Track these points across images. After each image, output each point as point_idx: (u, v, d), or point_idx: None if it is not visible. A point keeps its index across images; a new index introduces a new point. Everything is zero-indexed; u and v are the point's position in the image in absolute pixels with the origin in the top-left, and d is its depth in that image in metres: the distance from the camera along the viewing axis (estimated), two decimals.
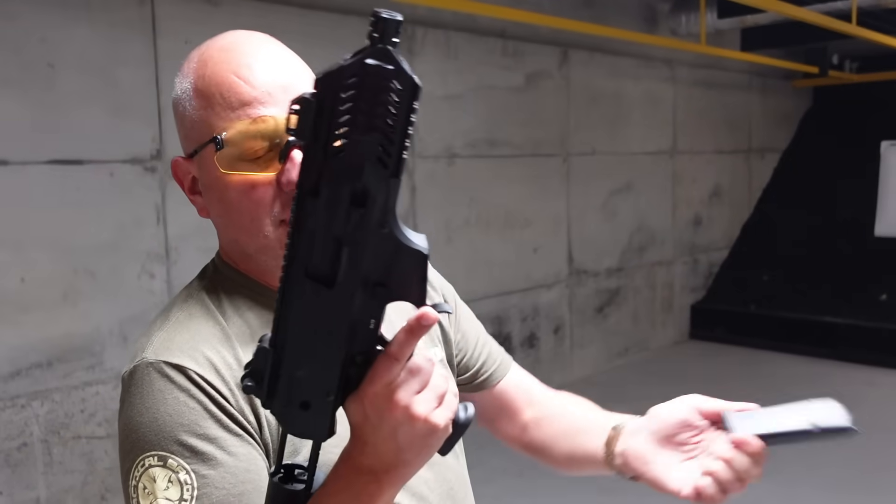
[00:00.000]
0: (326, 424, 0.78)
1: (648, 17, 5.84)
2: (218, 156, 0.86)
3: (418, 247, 0.73)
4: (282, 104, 0.87)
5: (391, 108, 0.68)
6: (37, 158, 3.01)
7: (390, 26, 0.69)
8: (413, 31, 4.39)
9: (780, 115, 7.68)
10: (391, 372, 0.75)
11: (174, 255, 3.39)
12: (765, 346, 6.28)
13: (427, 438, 0.77)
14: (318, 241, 0.71)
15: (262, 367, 0.75)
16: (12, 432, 2.97)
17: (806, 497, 3.69)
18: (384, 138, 0.68)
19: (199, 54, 0.91)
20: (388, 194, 0.70)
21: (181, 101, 0.91)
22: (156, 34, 3.30)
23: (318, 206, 0.69)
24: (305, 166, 0.69)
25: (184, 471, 0.80)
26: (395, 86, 0.69)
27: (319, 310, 0.73)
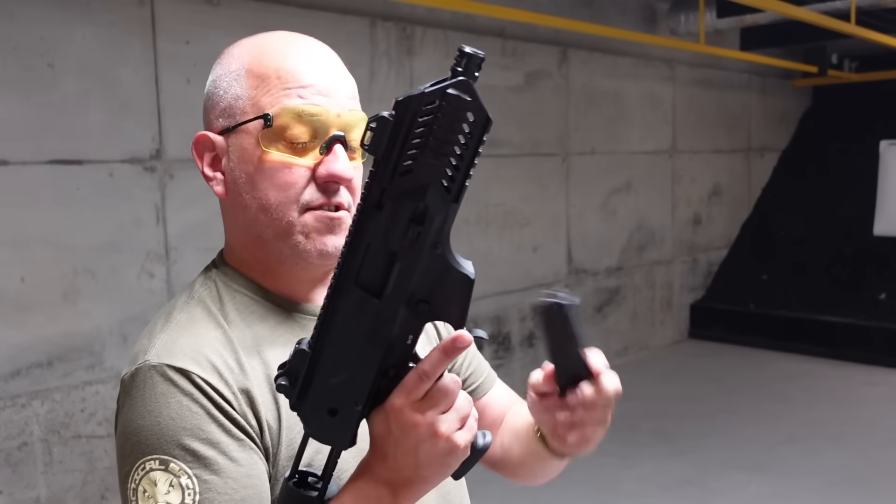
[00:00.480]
0: (350, 433, 0.80)
1: (648, 16, 5.84)
2: (263, 132, 0.87)
3: (466, 271, 0.76)
4: (335, 98, 0.89)
5: (462, 138, 0.71)
6: (37, 158, 3.01)
7: (473, 61, 0.72)
8: (412, 30, 4.39)
9: (780, 115, 7.68)
10: (420, 388, 0.77)
11: (174, 255, 3.40)
12: (764, 346, 6.29)
13: (446, 457, 0.79)
14: (374, 252, 0.74)
15: (298, 369, 0.78)
16: (12, 431, 2.97)
17: (805, 497, 3.70)
18: (451, 164, 0.72)
19: (250, 44, 0.93)
20: (446, 217, 0.73)
21: (223, 80, 0.92)
22: (155, 34, 3.30)
23: (379, 218, 0.73)
24: (373, 180, 0.72)
25: (186, 475, 0.80)
26: (469, 117, 0.71)
27: (364, 319, 0.76)
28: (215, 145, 0.92)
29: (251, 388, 0.86)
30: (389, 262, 0.74)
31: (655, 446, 4.34)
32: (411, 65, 4.39)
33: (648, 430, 4.54)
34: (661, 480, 3.91)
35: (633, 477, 3.94)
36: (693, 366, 6.01)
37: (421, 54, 4.44)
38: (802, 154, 7.61)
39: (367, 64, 4.15)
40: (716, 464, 4.07)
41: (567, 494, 3.61)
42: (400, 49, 4.33)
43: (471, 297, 0.77)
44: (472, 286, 0.76)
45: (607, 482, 3.84)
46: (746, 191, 7.39)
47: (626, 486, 3.86)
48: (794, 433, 4.47)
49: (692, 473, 3.97)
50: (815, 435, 4.44)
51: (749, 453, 4.19)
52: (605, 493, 3.76)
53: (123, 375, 0.86)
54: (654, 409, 4.87)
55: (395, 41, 4.30)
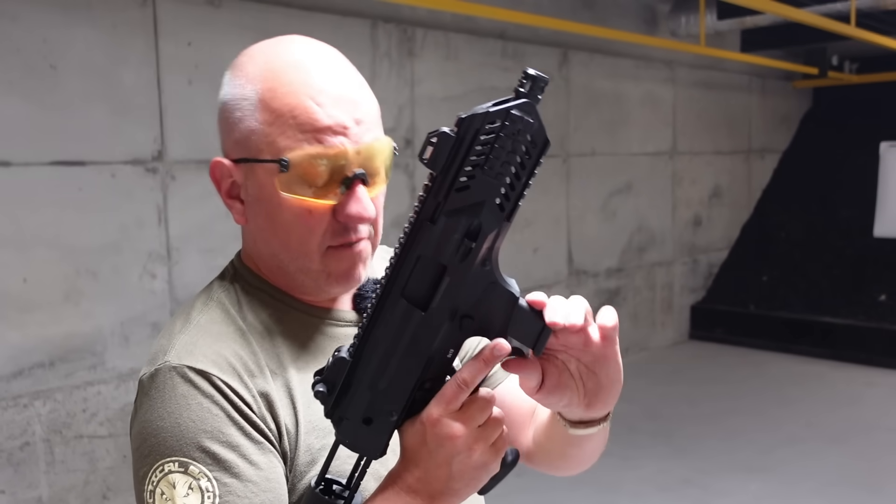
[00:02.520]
0: (382, 443, 0.80)
1: (648, 18, 5.85)
2: (280, 177, 0.84)
3: (511, 289, 0.77)
4: (353, 135, 0.85)
5: (520, 158, 0.72)
6: (39, 159, 3.02)
7: (538, 84, 0.73)
8: (413, 32, 4.40)
9: (780, 116, 7.69)
10: (458, 398, 0.77)
11: (175, 256, 3.40)
12: (764, 347, 6.29)
13: (479, 471, 0.79)
14: (423, 265, 0.75)
15: (337, 376, 0.78)
16: (14, 432, 2.98)
17: (805, 498, 3.70)
18: (507, 184, 0.73)
19: (265, 62, 0.88)
20: (497, 235, 0.75)
21: (236, 106, 0.88)
22: (157, 35, 3.31)
23: (433, 232, 0.74)
24: (428, 194, 0.74)
25: (205, 478, 0.79)
26: (529, 139, 0.72)
27: (407, 330, 0.76)
28: (232, 173, 0.90)
29: (270, 391, 0.86)
30: (438, 275, 0.75)
31: (656, 447, 4.34)
32: (412, 66, 4.40)
33: (649, 431, 4.55)
34: (662, 481, 3.91)
35: (634, 477, 3.95)
36: (693, 367, 6.01)
37: (422, 56, 4.45)
38: (803, 156, 7.62)
39: (368, 65, 4.16)
40: (716, 465, 4.08)
41: (568, 495, 3.62)
42: (401, 51, 4.33)
43: (512, 314, 0.77)
44: (516, 304, 0.77)
45: (608, 483, 3.84)
46: (747, 192, 7.39)
47: (627, 486, 3.86)
48: (795, 434, 4.47)
49: (692, 474, 3.98)
50: (815, 436, 4.45)
51: (749, 454, 4.20)
52: (605, 494, 3.77)
53: (142, 376, 0.86)
54: (655, 410, 4.88)
55: (396, 43, 4.31)
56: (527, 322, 0.78)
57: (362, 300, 0.96)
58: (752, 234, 7.28)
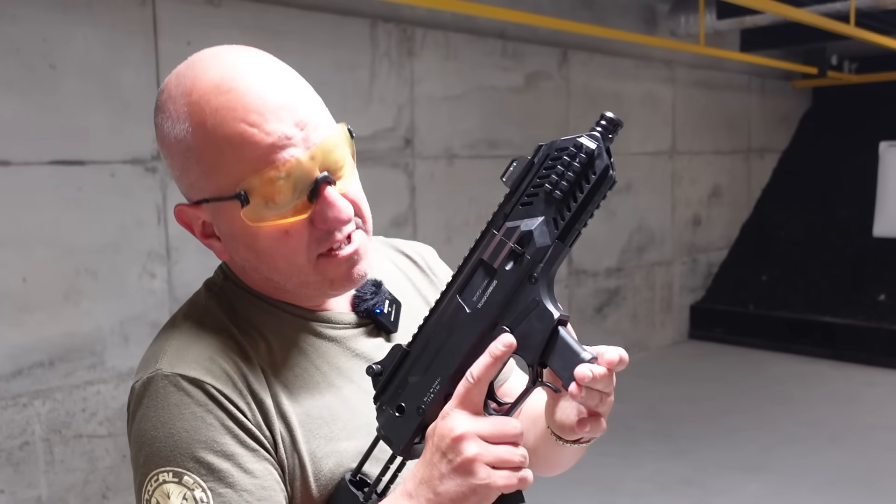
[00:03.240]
0: (407, 436, 0.82)
1: (648, 17, 5.85)
2: (244, 211, 0.80)
3: (553, 311, 0.78)
4: (300, 141, 0.80)
5: (582, 186, 0.78)
6: (38, 159, 3.02)
7: (612, 126, 0.80)
8: (413, 31, 4.40)
9: (780, 116, 7.69)
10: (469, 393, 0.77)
11: (175, 255, 3.40)
12: (764, 346, 6.29)
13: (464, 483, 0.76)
14: (481, 269, 0.80)
15: (390, 361, 0.83)
16: (14, 431, 2.98)
17: (805, 498, 3.70)
18: (565, 205, 0.78)
19: (184, 94, 0.81)
20: (547, 252, 0.78)
21: (176, 149, 0.84)
22: (157, 35, 3.31)
23: (493, 238, 0.80)
24: (501, 207, 0.80)
25: (199, 488, 0.79)
26: (593, 172, 0.78)
27: (453, 328, 0.81)
28: (199, 214, 0.86)
29: (265, 397, 0.84)
30: (489, 279, 0.79)
31: (655, 446, 4.34)
32: (412, 66, 4.39)
33: (648, 431, 4.55)
34: (661, 480, 3.91)
35: (633, 477, 3.95)
36: (693, 366, 6.02)
37: (421, 56, 4.45)
38: (802, 155, 7.62)
39: (368, 65, 4.16)
40: (715, 464, 4.08)
41: (567, 494, 3.62)
42: (401, 50, 4.33)
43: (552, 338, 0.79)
44: (552, 324, 0.78)
45: (607, 482, 3.85)
46: (746, 192, 7.40)
47: (626, 486, 3.87)
48: (794, 434, 4.47)
49: (692, 473, 3.98)
50: (814, 435, 4.45)
51: (749, 454, 4.20)
52: (605, 493, 3.77)
53: (134, 383, 0.84)
54: (654, 410, 4.88)
55: (396, 42, 4.31)
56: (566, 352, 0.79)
57: (361, 302, 0.95)
58: (752, 233, 7.28)
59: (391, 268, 1.05)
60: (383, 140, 4.21)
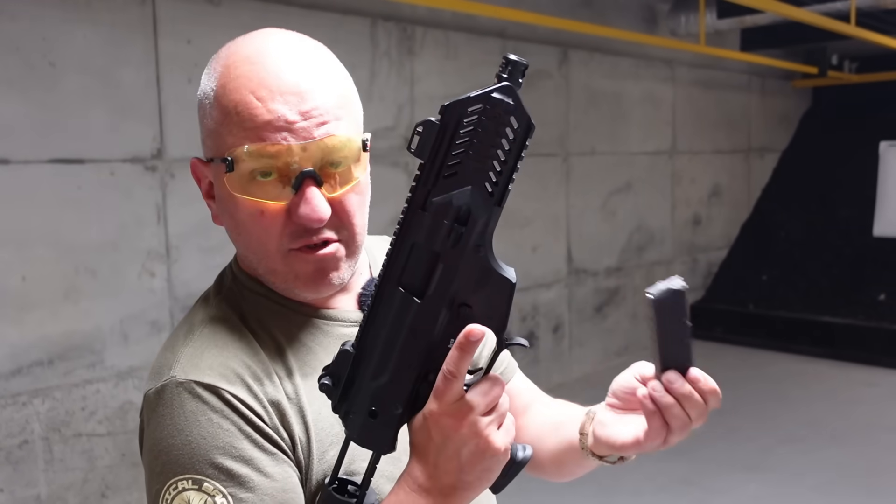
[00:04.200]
0: (390, 437, 0.80)
1: (648, 17, 5.85)
2: (228, 176, 0.82)
3: (508, 275, 0.77)
4: (299, 130, 0.81)
5: (505, 142, 0.74)
6: (38, 157, 3.02)
7: (517, 69, 0.74)
8: (413, 30, 4.40)
9: (780, 116, 7.69)
10: (451, 389, 0.76)
11: (175, 254, 3.40)
12: (763, 346, 6.29)
13: (489, 460, 0.78)
14: (417, 253, 0.75)
15: (341, 369, 0.78)
16: (13, 430, 2.98)
17: (804, 496, 3.70)
18: (495, 168, 0.74)
19: (226, 56, 0.86)
20: (488, 220, 0.75)
21: (201, 105, 0.87)
22: (157, 34, 3.31)
23: (424, 220, 0.74)
24: (418, 183, 0.74)
25: (220, 494, 0.78)
26: (512, 122, 0.73)
27: (405, 320, 0.76)
28: (206, 172, 0.89)
29: (280, 399, 0.84)
30: (432, 263, 0.75)
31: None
32: (412, 65, 4.39)
33: None
34: (661, 480, 3.91)
35: (632, 476, 3.95)
36: None
37: (422, 55, 4.44)
38: (802, 155, 7.62)
39: (368, 64, 4.16)
40: (715, 463, 4.08)
41: (566, 494, 3.62)
42: (401, 49, 4.33)
43: (511, 301, 0.78)
44: (513, 290, 0.77)
45: (607, 482, 3.84)
46: (746, 191, 7.40)
47: (626, 485, 3.86)
48: (794, 433, 4.47)
49: (691, 473, 3.98)
50: (814, 435, 4.45)
51: (748, 453, 4.20)
52: (604, 493, 3.77)
53: (147, 391, 0.84)
54: None
55: (396, 41, 4.31)
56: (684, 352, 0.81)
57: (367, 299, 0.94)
58: (752, 233, 7.28)
59: None
60: (383, 139, 4.21)
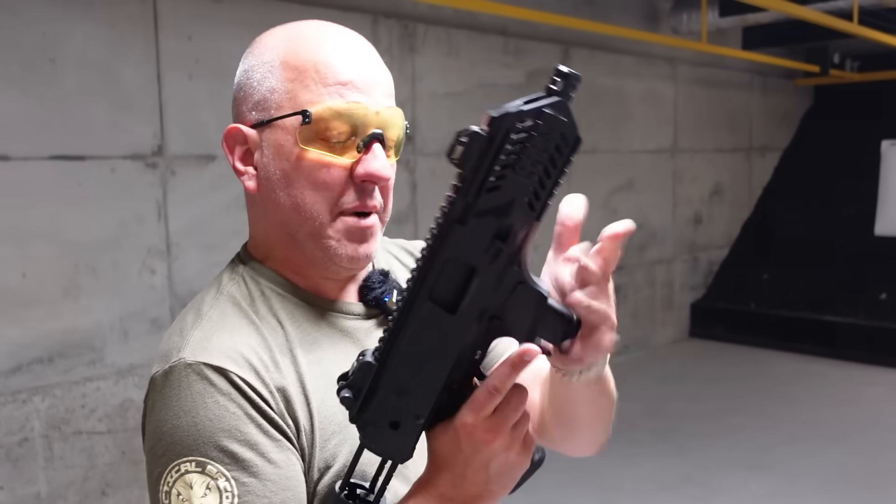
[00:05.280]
0: (410, 447, 0.78)
1: (650, 15, 5.84)
2: (301, 129, 0.85)
3: (540, 288, 0.76)
4: (374, 95, 0.87)
5: (552, 157, 0.72)
6: (38, 154, 3.01)
7: (571, 82, 0.71)
8: (414, 28, 4.39)
9: (781, 114, 7.67)
10: (490, 404, 0.75)
11: (175, 251, 3.40)
12: (764, 345, 6.29)
13: (516, 470, 0.79)
14: (451, 267, 0.73)
15: (362, 381, 0.76)
16: (13, 427, 2.98)
17: (805, 495, 3.70)
18: (539, 184, 0.72)
19: (285, 33, 0.91)
20: (528, 235, 0.74)
21: (257, 71, 0.88)
22: (157, 30, 3.30)
23: (462, 233, 0.71)
24: (458, 195, 0.71)
25: (223, 478, 0.78)
26: (561, 137, 0.71)
27: (435, 334, 0.74)
28: (248, 139, 0.89)
29: (287, 386, 0.84)
30: (467, 277, 0.73)
31: (656, 445, 4.34)
32: (413, 62, 4.38)
33: (649, 429, 4.54)
34: (662, 479, 3.91)
35: (634, 476, 3.94)
36: (693, 365, 6.01)
37: (423, 52, 4.44)
38: (804, 154, 7.61)
39: None
40: (716, 463, 4.07)
41: (568, 493, 3.61)
42: (402, 46, 4.32)
43: (543, 313, 0.76)
44: (545, 303, 0.75)
45: (608, 481, 3.84)
46: (747, 190, 7.39)
47: (627, 484, 3.86)
48: (795, 433, 4.47)
49: (693, 472, 3.97)
50: (815, 434, 4.44)
51: (750, 452, 4.19)
52: (605, 492, 3.76)
53: (154, 374, 0.83)
54: (655, 408, 4.87)
55: (398, 38, 4.30)
56: (554, 321, 0.77)
57: (368, 291, 0.94)
58: (753, 232, 7.27)
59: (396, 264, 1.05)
60: None
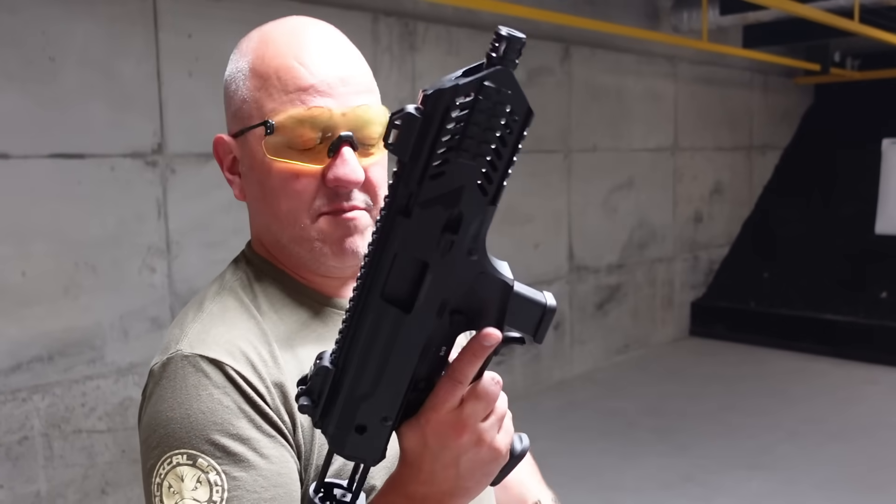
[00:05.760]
0: (381, 448, 0.74)
1: (650, 13, 5.83)
2: (266, 140, 0.84)
3: (504, 277, 0.70)
4: (339, 96, 0.85)
5: (501, 134, 0.63)
6: (38, 152, 3.01)
7: (513, 46, 0.62)
8: (415, 26, 4.38)
9: (782, 113, 7.67)
10: (455, 396, 0.72)
11: (175, 250, 3.39)
12: (765, 344, 6.28)
13: (489, 465, 0.76)
14: (401, 262, 0.67)
15: (322, 386, 0.72)
16: (13, 426, 2.97)
17: (806, 494, 3.70)
18: (489, 165, 0.64)
19: (260, 35, 0.91)
20: (482, 222, 0.67)
21: (234, 80, 0.89)
22: (157, 28, 3.29)
23: (408, 227, 0.65)
24: (398, 184, 0.65)
25: (214, 471, 0.77)
26: (508, 111, 0.63)
27: (392, 334, 0.69)
28: (232, 147, 0.90)
29: (285, 382, 0.83)
30: (420, 272, 0.67)
31: (656, 444, 4.33)
32: (413, 61, 4.38)
33: (649, 428, 4.54)
34: (662, 477, 3.91)
35: (634, 474, 3.94)
36: (694, 364, 6.01)
37: (423, 50, 4.43)
38: (804, 152, 7.60)
39: (369, 59, 4.09)
40: (717, 461, 4.07)
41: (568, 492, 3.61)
42: (402, 45, 4.32)
43: (507, 301, 0.71)
44: (509, 292, 0.70)
45: (608, 479, 3.84)
46: (748, 188, 7.38)
47: (627, 483, 3.86)
48: (795, 431, 4.47)
49: (693, 471, 3.97)
50: (815, 433, 4.44)
51: (750, 451, 4.19)
52: (605, 491, 3.76)
53: (153, 365, 0.84)
54: (655, 407, 4.87)
55: (398, 37, 4.29)
56: (525, 308, 0.71)
57: None
58: (753, 230, 7.27)
59: None
60: None
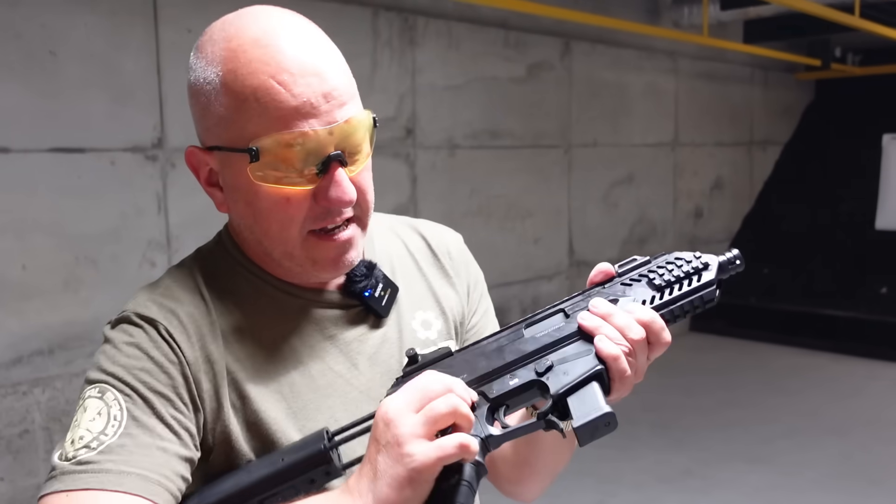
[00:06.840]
0: None
1: (651, 8, 5.82)
2: (252, 167, 0.81)
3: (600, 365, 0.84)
4: (324, 114, 0.81)
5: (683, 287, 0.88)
6: (38, 146, 3.01)
7: (736, 264, 0.88)
8: (415, 21, 4.38)
9: (782, 108, 7.66)
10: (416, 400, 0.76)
11: (175, 244, 3.39)
12: (765, 339, 6.29)
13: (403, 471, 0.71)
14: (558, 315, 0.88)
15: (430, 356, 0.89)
16: (14, 419, 2.98)
17: (804, 488, 3.70)
18: (661, 291, 0.90)
19: (225, 40, 0.84)
20: None
21: (203, 91, 0.84)
22: (157, 22, 3.29)
23: (582, 301, 0.88)
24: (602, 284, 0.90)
25: (118, 406, 0.80)
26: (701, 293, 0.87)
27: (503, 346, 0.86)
28: (208, 160, 0.87)
29: (217, 358, 0.85)
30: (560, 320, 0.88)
31: (656, 438, 4.34)
32: (413, 55, 4.37)
33: (649, 423, 4.54)
34: (662, 472, 3.91)
35: (634, 469, 3.95)
36: (694, 359, 6.01)
37: (423, 45, 4.43)
38: (805, 148, 7.60)
39: (370, 54, 4.14)
40: (716, 455, 4.07)
41: (568, 488, 3.62)
42: (402, 39, 4.31)
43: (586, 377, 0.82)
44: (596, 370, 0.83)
45: (608, 474, 3.84)
46: (748, 184, 7.38)
47: (627, 478, 3.86)
48: (795, 426, 4.47)
49: (692, 465, 3.98)
50: (815, 428, 4.45)
51: (749, 446, 4.20)
52: (605, 486, 3.77)
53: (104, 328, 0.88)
54: (655, 402, 4.87)
55: (398, 31, 4.29)
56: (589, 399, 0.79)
57: (352, 284, 0.94)
58: (754, 226, 7.27)
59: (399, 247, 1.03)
60: (385, 130, 4.20)
